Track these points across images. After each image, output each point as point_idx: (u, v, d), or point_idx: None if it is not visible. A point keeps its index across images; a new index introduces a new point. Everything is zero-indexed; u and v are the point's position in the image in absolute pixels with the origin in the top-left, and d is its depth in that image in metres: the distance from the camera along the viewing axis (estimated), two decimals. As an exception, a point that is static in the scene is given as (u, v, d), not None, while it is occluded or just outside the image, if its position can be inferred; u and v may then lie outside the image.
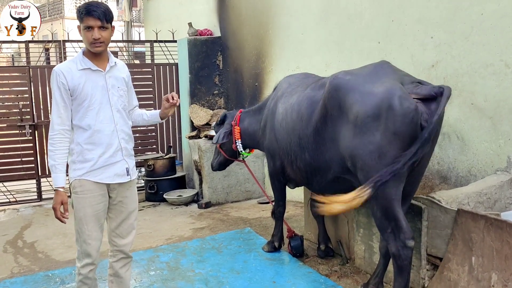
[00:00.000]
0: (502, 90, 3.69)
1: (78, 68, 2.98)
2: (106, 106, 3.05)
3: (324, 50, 5.57)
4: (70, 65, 3.00)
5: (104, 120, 3.04)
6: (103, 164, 3.04)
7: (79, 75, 2.97)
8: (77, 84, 2.94)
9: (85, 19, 2.92)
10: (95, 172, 3.02)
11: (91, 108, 2.99)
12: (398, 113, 2.93)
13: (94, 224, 3.06)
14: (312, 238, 4.71)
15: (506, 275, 2.91)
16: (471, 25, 3.88)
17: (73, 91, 2.95)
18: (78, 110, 2.98)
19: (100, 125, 3.02)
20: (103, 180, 3.05)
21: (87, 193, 3.02)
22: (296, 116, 3.81)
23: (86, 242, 3.06)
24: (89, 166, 3.01)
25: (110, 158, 3.06)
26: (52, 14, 29.63)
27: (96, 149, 3.02)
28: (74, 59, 3.05)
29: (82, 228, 3.04)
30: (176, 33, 8.15)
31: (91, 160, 3.01)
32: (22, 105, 7.14)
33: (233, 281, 3.97)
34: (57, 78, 2.93)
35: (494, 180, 3.63)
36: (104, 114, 3.04)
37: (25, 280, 4.23)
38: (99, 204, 3.07)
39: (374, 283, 3.56)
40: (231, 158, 4.90)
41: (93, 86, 3.00)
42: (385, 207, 3.07)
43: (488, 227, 3.02)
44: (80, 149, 3.01)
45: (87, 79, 2.98)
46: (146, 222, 5.98)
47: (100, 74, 3.05)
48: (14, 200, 7.28)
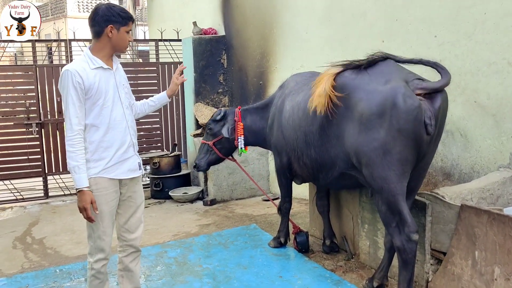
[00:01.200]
0: (504, 88, 3.76)
1: (91, 67, 3.04)
2: (118, 104, 3.14)
3: (328, 49, 5.64)
4: (83, 64, 3.04)
5: (117, 117, 3.12)
6: (117, 160, 3.12)
7: (94, 74, 3.03)
8: (92, 83, 3.00)
9: (129, 23, 3.11)
10: (110, 169, 3.10)
11: (105, 106, 3.06)
12: (402, 110, 3.01)
13: (108, 220, 3.15)
14: (317, 234, 4.78)
15: (508, 268, 2.98)
16: (474, 24, 3.94)
17: (88, 90, 3.00)
18: (92, 108, 3.03)
19: (114, 123, 3.10)
20: (118, 176, 3.13)
21: (103, 191, 3.09)
22: (302, 113, 3.88)
23: (100, 238, 3.13)
24: (105, 163, 3.08)
25: (124, 154, 3.15)
26: (55, 13, 29.69)
27: (111, 146, 3.09)
28: (83, 59, 3.09)
29: (97, 225, 3.11)
30: (180, 32, 8.22)
31: (107, 157, 3.08)
32: (29, 103, 7.22)
33: (240, 276, 4.05)
34: (73, 78, 2.95)
35: (496, 176, 3.70)
36: (117, 112, 3.13)
37: (36, 275, 4.31)
38: (113, 201, 3.15)
39: (379, 277, 3.64)
40: (224, 157, 4.83)
41: (106, 84, 3.08)
42: (390, 201, 3.15)
43: (491, 222, 3.09)
44: (94, 147, 3.06)
45: (100, 78, 3.05)
46: (152, 219, 6.06)
47: (111, 72, 3.14)
48: (21, 198, 7.35)
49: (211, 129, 4.71)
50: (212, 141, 4.68)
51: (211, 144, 4.70)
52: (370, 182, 3.27)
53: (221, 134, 4.65)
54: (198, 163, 4.83)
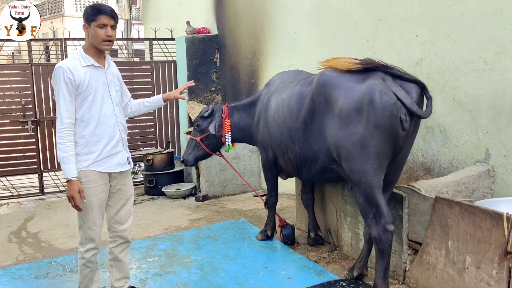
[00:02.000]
0: (480, 85, 3.90)
1: (82, 65, 3.18)
2: (108, 101, 3.27)
3: (317, 47, 5.78)
4: (74, 62, 3.19)
5: (106, 113, 3.26)
6: (107, 154, 3.26)
7: (84, 71, 3.17)
8: (82, 80, 3.14)
9: (99, 17, 3.12)
10: (99, 163, 3.24)
11: (95, 103, 3.20)
12: (378, 106, 3.15)
13: (98, 212, 3.29)
14: (303, 228, 4.93)
15: (478, 257, 3.13)
16: (453, 23, 4.08)
17: (79, 86, 3.14)
18: (83, 104, 3.18)
19: (104, 118, 3.24)
20: (107, 169, 3.27)
21: (92, 183, 3.23)
22: (287, 110, 4.03)
23: (90, 229, 3.27)
24: (94, 157, 3.22)
25: (113, 148, 3.29)
26: (52, 12, 29.77)
27: (100, 141, 3.23)
28: (75, 56, 3.24)
29: (87, 216, 3.25)
30: (174, 31, 8.36)
31: (96, 151, 3.22)
32: (25, 101, 7.35)
33: (227, 267, 4.19)
34: (64, 74, 3.10)
35: (472, 170, 3.84)
36: (107, 108, 3.26)
37: (29, 266, 4.45)
38: (102, 193, 3.29)
39: (358, 267, 3.79)
40: (211, 152, 4.92)
41: (96, 81, 3.21)
42: (367, 193, 3.30)
43: (462, 212, 3.23)
44: (84, 141, 3.20)
45: (91, 75, 3.19)
46: (145, 214, 6.20)
47: (101, 70, 3.27)
48: (17, 194, 7.48)
49: (198, 125, 4.83)
50: (200, 137, 4.80)
51: (199, 140, 4.81)
52: (349, 175, 3.42)
53: (208, 130, 4.77)
54: (185, 158, 4.94)
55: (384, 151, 3.25)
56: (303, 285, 3.77)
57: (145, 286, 3.89)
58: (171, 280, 3.99)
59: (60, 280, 4.11)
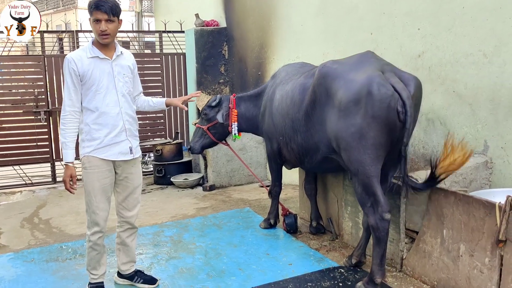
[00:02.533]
0: (480, 78, 3.97)
1: (88, 56, 3.33)
2: (112, 91, 3.40)
3: (322, 40, 5.86)
4: (81, 53, 3.35)
5: (110, 103, 3.39)
6: (108, 143, 3.39)
7: (88, 63, 3.32)
8: (86, 71, 3.30)
9: (94, 12, 3.26)
10: (101, 150, 3.38)
11: (98, 92, 3.34)
12: (376, 98, 3.24)
13: (101, 196, 3.43)
14: (306, 217, 5.04)
15: (472, 245, 3.22)
16: (454, 17, 4.14)
17: (83, 77, 3.30)
18: (87, 94, 3.34)
19: (106, 108, 3.37)
20: (109, 157, 3.41)
21: (95, 169, 3.38)
22: (290, 101, 4.13)
23: (94, 213, 3.43)
24: (96, 144, 3.37)
25: (115, 137, 3.42)
26: (66, 4, 30.08)
27: (102, 129, 3.37)
28: (84, 48, 3.41)
29: (91, 200, 3.41)
30: (184, 24, 8.48)
31: (98, 139, 3.37)
32: (38, 92, 7.54)
33: (230, 253, 4.33)
34: (69, 64, 3.29)
35: (470, 161, 3.89)
36: (110, 98, 3.39)
37: (41, 250, 4.63)
38: (105, 179, 3.43)
39: (357, 255, 3.90)
40: (217, 141, 5.00)
41: (101, 72, 3.35)
42: (365, 183, 3.39)
43: (457, 202, 3.32)
44: (88, 129, 3.37)
45: (95, 66, 3.33)
46: (153, 202, 6.36)
47: (107, 62, 3.39)
48: (30, 183, 7.70)
49: (206, 114, 4.93)
50: (207, 125, 4.91)
51: (205, 128, 4.92)
52: (348, 165, 3.52)
53: (215, 119, 4.87)
54: (192, 146, 5.05)
55: (381, 142, 3.32)
56: (303, 271, 3.89)
57: (151, 270, 4.03)
58: (176, 264, 4.13)
59: (70, 263, 4.28)
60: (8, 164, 7.54)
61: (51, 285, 3.87)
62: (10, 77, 7.68)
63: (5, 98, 7.47)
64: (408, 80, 3.39)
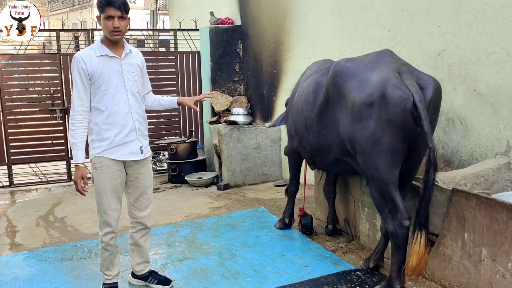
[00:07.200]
0: (502, 77, 3.85)
1: (97, 55, 3.29)
2: (122, 90, 3.35)
3: (338, 38, 5.77)
4: (90, 52, 3.31)
5: (119, 102, 3.34)
6: (119, 143, 3.35)
7: (97, 61, 3.27)
8: (95, 70, 3.25)
9: (106, 9, 3.22)
10: (112, 150, 3.34)
11: (107, 92, 3.30)
12: (390, 101, 3.08)
13: (112, 196, 3.39)
14: (321, 218, 4.97)
15: (494, 250, 3.12)
16: (475, 14, 4.03)
17: (92, 76, 3.25)
18: (96, 93, 3.29)
19: (116, 107, 3.32)
20: (119, 157, 3.37)
21: (106, 169, 3.35)
22: (304, 99, 4.06)
23: (106, 213, 3.39)
24: (106, 144, 3.33)
25: (125, 137, 3.37)
26: (82, 3, 30.31)
27: (112, 129, 3.32)
28: (93, 47, 3.36)
29: (102, 200, 3.38)
30: (198, 22, 8.44)
31: (108, 139, 3.32)
32: (53, 90, 7.56)
33: (244, 254, 4.28)
34: (78, 63, 3.24)
35: (492, 163, 3.81)
36: (120, 97, 3.34)
37: (56, 249, 4.63)
38: (116, 179, 3.40)
39: (375, 259, 3.81)
40: None
41: (110, 71, 3.30)
42: (382, 189, 3.26)
43: (479, 205, 3.22)
44: (98, 129, 3.32)
45: (104, 65, 3.28)
46: (167, 201, 6.34)
47: (116, 60, 3.35)
48: (46, 180, 7.74)
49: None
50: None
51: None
52: (363, 170, 3.40)
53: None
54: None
55: (397, 148, 3.16)
56: (319, 273, 3.82)
57: (165, 270, 4.00)
58: (190, 265, 4.09)
59: (84, 262, 4.27)
60: (24, 162, 7.59)
61: (65, 284, 3.85)
62: (26, 75, 7.72)
63: (21, 96, 7.52)
64: (426, 83, 3.22)
